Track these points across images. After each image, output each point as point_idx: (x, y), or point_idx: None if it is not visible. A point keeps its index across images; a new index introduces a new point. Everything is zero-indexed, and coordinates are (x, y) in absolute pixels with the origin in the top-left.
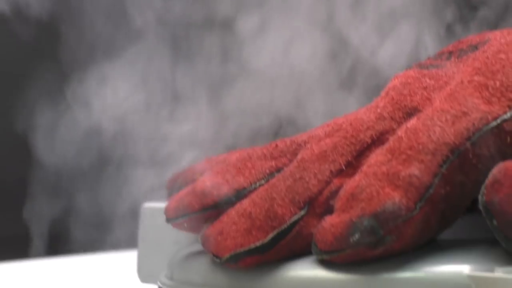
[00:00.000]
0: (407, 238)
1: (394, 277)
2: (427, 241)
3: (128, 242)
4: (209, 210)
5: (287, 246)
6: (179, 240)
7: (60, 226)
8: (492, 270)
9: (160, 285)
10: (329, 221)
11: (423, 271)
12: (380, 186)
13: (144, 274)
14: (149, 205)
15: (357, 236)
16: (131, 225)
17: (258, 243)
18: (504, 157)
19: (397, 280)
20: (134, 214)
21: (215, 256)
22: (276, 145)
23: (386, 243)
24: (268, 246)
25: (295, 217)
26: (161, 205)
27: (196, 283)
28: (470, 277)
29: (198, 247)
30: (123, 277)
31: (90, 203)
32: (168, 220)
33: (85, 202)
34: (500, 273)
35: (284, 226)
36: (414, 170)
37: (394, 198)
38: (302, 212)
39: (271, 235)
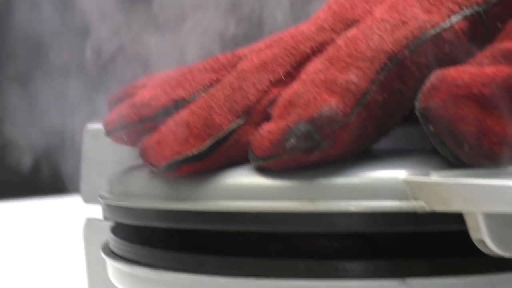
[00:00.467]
0: (343, 144)
1: (329, 183)
2: (364, 148)
3: None
4: (147, 122)
5: (225, 154)
6: (122, 161)
7: None
8: (427, 175)
9: (100, 200)
10: (266, 128)
11: (359, 177)
12: (317, 92)
13: (87, 195)
14: (92, 126)
15: (293, 141)
16: None
17: (195, 151)
18: (442, 66)
19: (332, 185)
20: None
21: (153, 165)
22: (217, 59)
23: (322, 148)
24: (206, 153)
25: (232, 125)
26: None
27: (135, 194)
28: (406, 182)
29: (139, 163)
30: None
31: None
32: (107, 133)
33: None
34: (435, 177)
35: (222, 134)
36: (352, 76)
37: (330, 103)
38: (240, 121)
39: (208, 143)
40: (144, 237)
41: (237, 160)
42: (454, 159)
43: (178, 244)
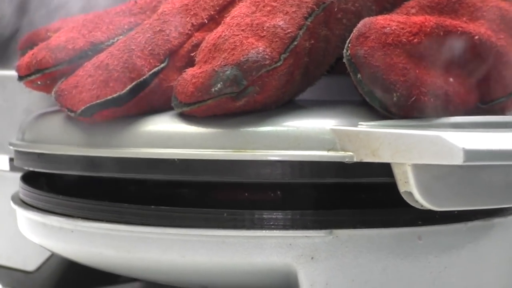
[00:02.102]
0: (270, 90)
1: (255, 132)
2: (290, 96)
3: None
4: (63, 65)
5: (146, 99)
6: (30, 108)
7: None
8: (355, 125)
9: (11, 147)
10: (190, 72)
11: (285, 126)
12: (244, 37)
13: None
14: None
15: (219, 85)
16: None
17: (115, 95)
18: (369, 14)
19: (258, 134)
20: None
21: (70, 110)
22: (136, 2)
23: (249, 94)
24: (126, 98)
25: (154, 69)
26: (10, 72)
27: (49, 140)
28: (334, 132)
29: (51, 109)
30: None
31: None
32: (21, 78)
33: None
34: (364, 127)
35: (143, 77)
36: (279, 21)
37: (258, 48)
38: (162, 65)
39: (129, 87)
40: (58, 186)
41: (158, 106)
42: (382, 109)
43: (94, 193)
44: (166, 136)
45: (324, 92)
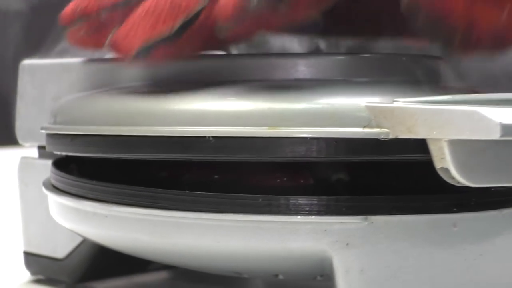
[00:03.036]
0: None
1: (290, 108)
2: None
3: None
4: (107, 11)
5: (195, 35)
6: (59, 96)
7: None
8: (390, 102)
9: (44, 131)
10: None
11: (321, 103)
12: None
13: (23, 134)
14: (28, 61)
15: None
16: None
17: (166, 33)
18: None
19: (293, 111)
20: None
21: (126, 55)
22: None
23: (284, 2)
24: (176, 35)
25: (199, 6)
26: (41, 61)
27: (82, 122)
28: (369, 108)
29: (82, 94)
30: None
31: None
32: (64, 27)
33: None
34: (400, 103)
35: (190, 14)
36: None
37: None
38: (205, 1)
39: (178, 23)
40: (89, 172)
41: (207, 44)
42: (444, 45)
43: (130, 177)
44: (200, 114)
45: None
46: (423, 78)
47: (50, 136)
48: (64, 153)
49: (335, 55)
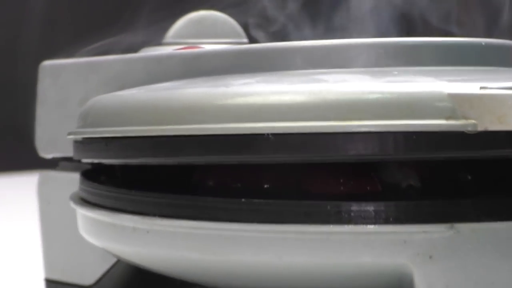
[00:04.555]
0: None
1: (361, 98)
2: None
3: None
4: None
5: None
6: (88, 98)
7: None
8: (476, 89)
9: (71, 137)
10: None
11: (397, 92)
12: None
13: (44, 144)
14: (49, 62)
15: None
16: None
17: None
18: None
19: (365, 101)
20: None
21: None
22: None
23: None
24: None
25: None
26: (64, 61)
27: (117, 123)
28: (452, 96)
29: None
30: None
31: None
32: None
33: None
34: (489, 90)
35: None
36: None
37: None
38: None
39: None
40: (122, 182)
41: None
42: None
43: (173, 185)
44: (257, 108)
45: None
46: (507, 64)
47: (79, 142)
48: (96, 160)
49: (409, 41)
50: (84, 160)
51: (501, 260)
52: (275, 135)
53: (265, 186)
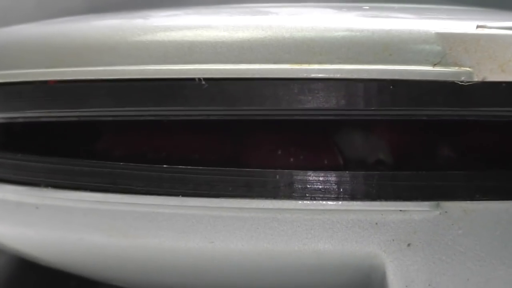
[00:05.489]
0: None
1: (324, 37)
2: None
3: None
4: None
5: None
6: None
7: None
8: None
9: None
10: None
11: (371, 30)
12: None
13: None
14: None
15: None
16: None
17: None
18: None
19: (328, 40)
20: None
21: None
22: None
23: None
24: None
25: None
26: None
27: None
28: (442, 36)
29: None
30: None
31: None
32: None
33: None
34: (488, 28)
35: None
36: None
37: None
38: None
39: None
40: (16, 141)
41: None
42: None
43: (73, 150)
44: (186, 45)
45: None
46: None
47: None
48: None
49: None
50: None
51: (499, 250)
52: (209, 80)
53: (194, 153)
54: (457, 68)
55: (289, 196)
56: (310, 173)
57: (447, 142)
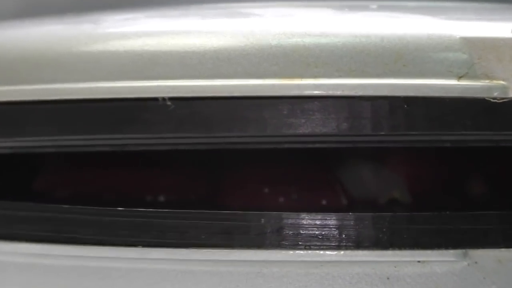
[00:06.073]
0: None
1: (320, 44)
2: None
3: None
4: None
5: None
6: None
7: None
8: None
9: None
10: None
11: (379, 35)
12: None
13: None
14: None
15: None
16: None
17: None
18: None
19: (326, 48)
20: None
21: None
22: None
23: None
24: None
25: None
26: None
27: None
28: (468, 42)
29: None
30: None
31: None
32: None
33: None
34: None
35: None
36: None
37: None
38: None
39: None
40: None
41: None
42: None
43: (11, 187)
44: (146, 57)
45: None
46: None
47: None
48: None
49: None
50: None
51: None
52: (176, 100)
53: (158, 192)
54: (488, 81)
55: (278, 244)
56: (304, 215)
57: (476, 174)
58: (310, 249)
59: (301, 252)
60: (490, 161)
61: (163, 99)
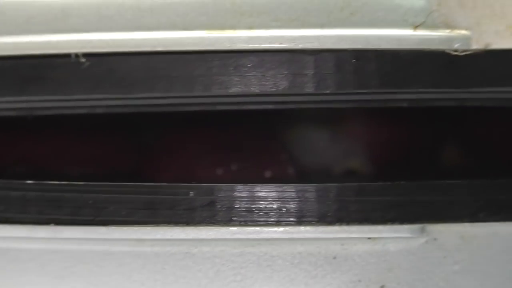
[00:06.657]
0: None
1: None
2: None
3: None
4: None
5: None
6: None
7: None
8: None
9: None
10: None
11: None
12: None
13: None
14: None
15: None
16: None
17: None
18: None
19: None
20: None
21: None
22: None
23: None
24: None
25: None
26: None
27: None
28: None
29: None
30: None
31: None
32: None
33: None
34: None
35: None
36: None
37: None
38: None
39: None
40: None
41: None
42: None
43: None
44: (58, 9)
45: None
46: None
47: None
48: None
49: None
50: None
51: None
52: (91, 56)
53: (72, 163)
54: (448, 31)
55: (209, 220)
56: (238, 187)
57: (436, 138)
58: (245, 225)
59: (235, 228)
60: (453, 123)
61: (76, 55)
